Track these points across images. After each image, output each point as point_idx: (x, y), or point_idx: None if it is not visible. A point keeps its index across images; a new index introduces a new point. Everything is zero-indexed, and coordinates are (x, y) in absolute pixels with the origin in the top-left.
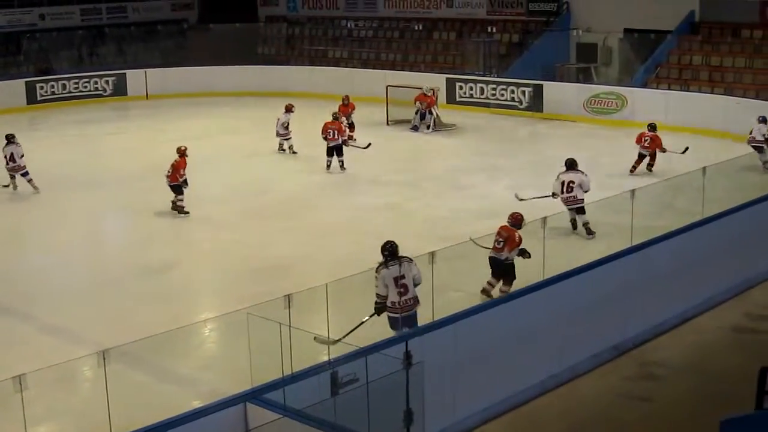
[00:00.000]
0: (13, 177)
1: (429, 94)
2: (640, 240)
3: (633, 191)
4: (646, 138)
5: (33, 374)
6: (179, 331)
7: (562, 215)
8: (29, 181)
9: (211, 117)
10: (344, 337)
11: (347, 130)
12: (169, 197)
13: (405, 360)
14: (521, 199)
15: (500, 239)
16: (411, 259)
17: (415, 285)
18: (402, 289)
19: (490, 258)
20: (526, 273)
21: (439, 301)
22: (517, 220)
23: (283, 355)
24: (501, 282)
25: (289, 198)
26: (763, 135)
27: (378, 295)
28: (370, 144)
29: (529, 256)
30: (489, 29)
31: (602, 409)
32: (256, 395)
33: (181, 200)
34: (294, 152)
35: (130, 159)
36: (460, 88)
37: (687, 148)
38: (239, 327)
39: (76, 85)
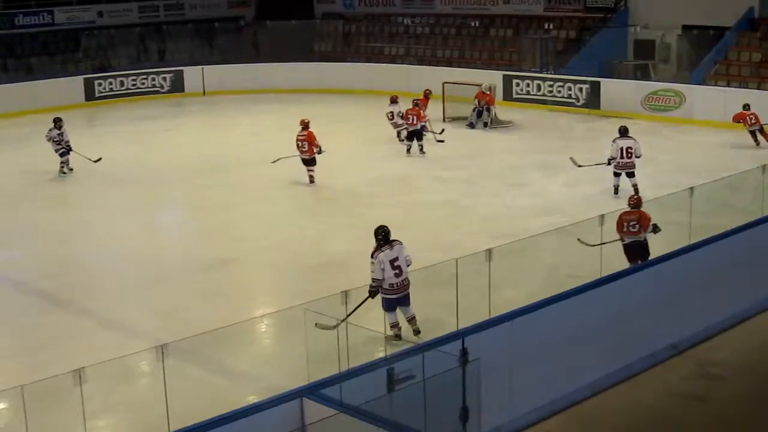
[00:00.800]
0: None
1: (488, 92)
2: (698, 238)
3: (692, 189)
4: (751, 116)
5: (92, 368)
6: (236, 326)
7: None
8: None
9: (267, 113)
10: (341, 322)
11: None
12: (227, 188)
13: (461, 357)
14: (579, 165)
15: (633, 222)
16: (401, 243)
17: (408, 266)
18: (397, 271)
19: (629, 244)
20: (583, 270)
21: (495, 298)
22: (638, 201)
23: (340, 351)
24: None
25: (346, 194)
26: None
27: (374, 279)
28: (443, 130)
29: (660, 230)
30: (546, 26)
31: (659, 408)
32: (312, 391)
33: (313, 171)
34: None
35: (186, 155)
36: (517, 84)
37: None
38: (296, 323)
39: (134, 82)
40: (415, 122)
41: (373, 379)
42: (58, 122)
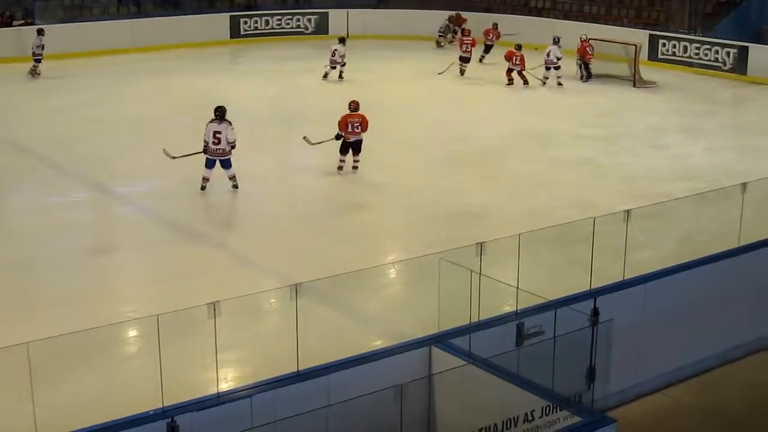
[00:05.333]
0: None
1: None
2: None
3: None
4: None
5: (225, 302)
6: (368, 271)
7: (762, 181)
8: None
9: (409, 60)
10: (182, 156)
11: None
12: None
13: (592, 317)
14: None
15: (356, 123)
16: (231, 124)
17: (229, 142)
18: (216, 140)
19: (353, 142)
20: (720, 238)
21: (629, 260)
22: (357, 105)
23: (472, 302)
24: None
25: (484, 146)
26: (557, 57)
27: (204, 141)
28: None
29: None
30: None
31: None
32: (441, 339)
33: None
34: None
35: (327, 97)
36: (663, 45)
37: None
38: (429, 271)
39: (279, 22)
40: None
41: (503, 332)
42: (42, 32)
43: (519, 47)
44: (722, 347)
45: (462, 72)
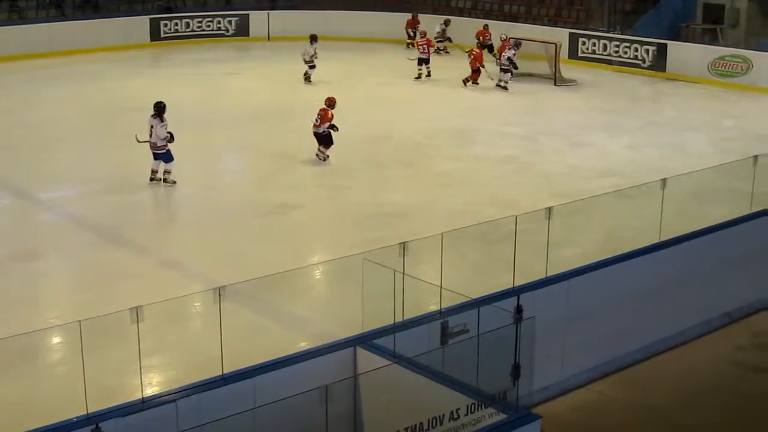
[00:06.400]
0: None
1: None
2: (760, 207)
3: (756, 157)
4: None
5: (148, 307)
6: (292, 272)
7: (682, 178)
8: None
9: (332, 61)
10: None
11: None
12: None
13: (516, 314)
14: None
15: (316, 117)
16: (163, 122)
17: (159, 137)
18: (150, 133)
19: (314, 133)
20: (642, 234)
21: (552, 257)
22: (331, 102)
23: (396, 302)
24: None
25: (406, 145)
26: (509, 58)
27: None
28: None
29: (337, 129)
30: None
31: (714, 377)
32: (366, 340)
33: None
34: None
35: (248, 99)
36: (583, 43)
37: None
38: (353, 271)
39: (200, 24)
40: (426, 51)
41: (427, 331)
42: None
43: (480, 47)
44: (646, 341)
45: (419, 76)
